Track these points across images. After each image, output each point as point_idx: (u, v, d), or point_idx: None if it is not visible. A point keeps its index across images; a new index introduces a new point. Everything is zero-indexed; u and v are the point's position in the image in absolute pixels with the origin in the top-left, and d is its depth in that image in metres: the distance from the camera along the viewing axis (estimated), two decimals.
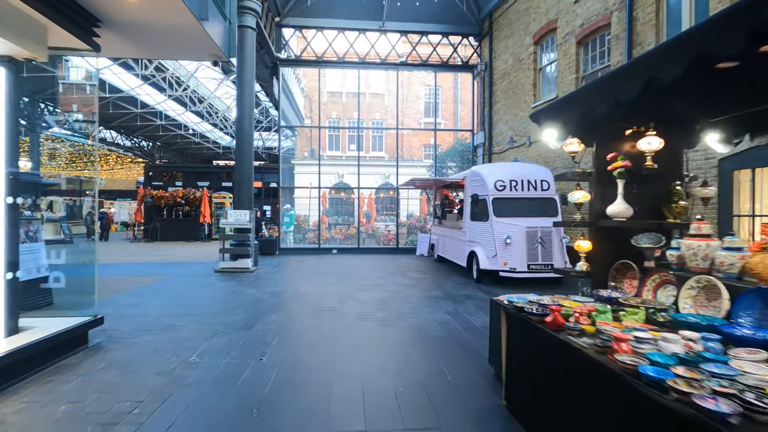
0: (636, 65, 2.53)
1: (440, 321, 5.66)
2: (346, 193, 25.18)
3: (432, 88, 25.39)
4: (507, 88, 13.60)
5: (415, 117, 25.37)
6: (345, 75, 24.80)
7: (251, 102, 10.69)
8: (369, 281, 8.87)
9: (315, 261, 12.47)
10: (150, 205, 21.57)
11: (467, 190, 9.61)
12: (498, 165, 9.47)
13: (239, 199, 10.63)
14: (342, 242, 19.50)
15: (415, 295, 7.41)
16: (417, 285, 8.48)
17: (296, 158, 24.89)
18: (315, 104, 23.84)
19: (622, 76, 2.62)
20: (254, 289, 7.81)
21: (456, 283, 8.76)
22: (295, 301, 6.84)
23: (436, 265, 11.60)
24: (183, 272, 9.81)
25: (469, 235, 9.25)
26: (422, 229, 20.66)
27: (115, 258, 12.79)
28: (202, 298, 6.99)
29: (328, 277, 9.46)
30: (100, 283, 8.45)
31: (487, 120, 14.82)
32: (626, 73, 2.57)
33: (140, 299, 6.80)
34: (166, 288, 7.84)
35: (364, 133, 24.97)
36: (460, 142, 17.00)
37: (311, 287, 8.12)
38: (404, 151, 25.43)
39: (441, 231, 12.01)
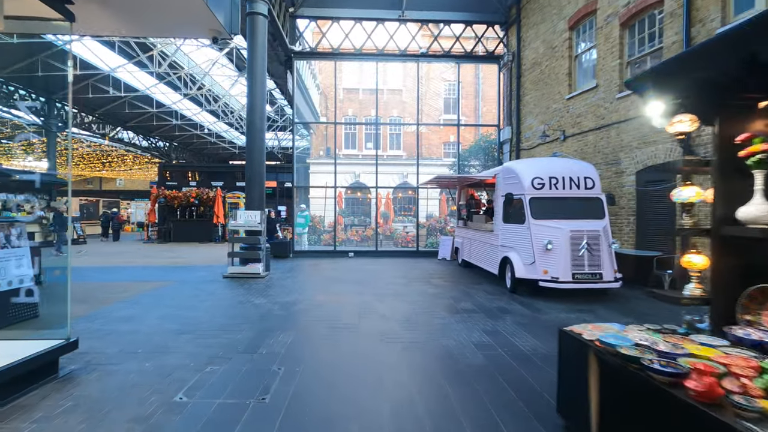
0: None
1: (478, 343, 4.75)
2: (362, 193, 24.38)
3: (452, 84, 24.41)
4: (537, 79, 12.55)
5: (434, 114, 24.41)
6: (362, 71, 24.01)
7: (263, 94, 9.95)
8: (390, 290, 8.00)
9: (330, 265, 11.67)
10: (163, 206, 21.18)
11: (499, 188, 8.65)
12: (535, 161, 8.51)
13: (250, 198, 9.90)
14: (358, 244, 18.72)
15: (443, 308, 6.50)
16: (443, 294, 7.57)
17: (311, 157, 24.20)
18: (331, 101, 23.11)
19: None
20: (263, 299, 7.03)
21: (487, 293, 7.81)
22: (307, 315, 6.02)
23: (461, 271, 10.66)
24: (189, 277, 9.12)
25: (502, 239, 8.29)
26: (442, 231, 19.76)
27: (123, 261, 12.24)
28: (205, 309, 6.23)
29: (344, 284, 8.63)
30: (100, 290, 7.87)
31: (515, 114, 13.79)
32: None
33: (136, 311, 6.08)
34: (168, 296, 7.12)
35: (381, 130, 24.12)
36: (484, 138, 16.02)
37: (326, 297, 7.30)
38: (423, 149, 24.44)
39: (466, 234, 11.06)
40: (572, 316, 6.07)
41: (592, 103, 10.11)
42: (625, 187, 9.01)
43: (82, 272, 9.86)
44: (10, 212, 16.11)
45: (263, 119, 9.91)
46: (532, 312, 6.32)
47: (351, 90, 23.91)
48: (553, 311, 6.42)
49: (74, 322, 5.38)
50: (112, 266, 10.96)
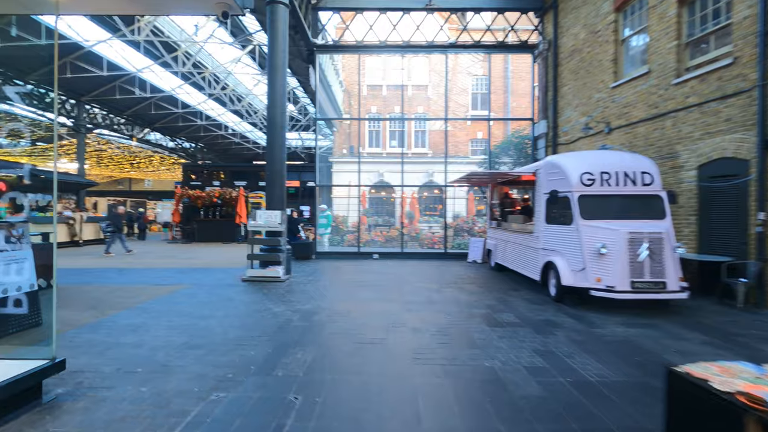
0: None
1: (531, 367, 4.00)
2: (386, 193, 23.73)
3: (479, 79, 23.46)
4: (577, 68, 11.58)
5: (460, 111, 23.49)
6: (385, 67, 23.37)
7: (284, 89, 9.42)
8: (419, 297, 7.30)
9: (354, 268, 11.05)
10: (187, 206, 21.12)
11: (540, 185, 7.81)
12: (582, 154, 7.64)
13: (271, 197, 9.39)
14: (382, 245, 18.09)
15: (481, 320, 5.75)
16: (480, 303, 6.81)
17: (334, 156, 23.72)
18: (354, 98, 22.58)
19: None
20: (282, 306, 6.45)
21: (529, 301, 7.00)
22: (330, 326, 5.39)
23: (495, 276, 9.85)
24: (206, 281, 8.67)
25: (544, 242, 7.45)
26: (470, 232, 18.92)
27: (144, 262, 11.98)
28: (218, 318, 5.69)
29: (369, 289, 7.98)
30: (113, 294, 7.43)
31: (551, 106, 12.82)
32: None
33: (145, 319, 5.60)
34: (181, 302, 6.65)
35: (406, 127, 23.42)
36: (516, 133, 15.08)
37: (350, 304, 6.66)
38: (449, 147, 23.54)
39: (500, 235, 10.23)
40: (633, 332, 5.22)
41: (643, 90, 9.11)
42: (684, 184, 8.01)
43: (101, 274, 9.59)
44: (36, 212, 16.24)
45: (284, 114, 9.38)
46: (586, 326, 5.49)
47: (374, 87, 23.29)
48: (608, 325, 5.57)
49: (78, 332, 4.94)
50: (131, 268, 10.68)
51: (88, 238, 17.98)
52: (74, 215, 17.30)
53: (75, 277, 8.98)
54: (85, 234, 17.72)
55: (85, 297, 6.94)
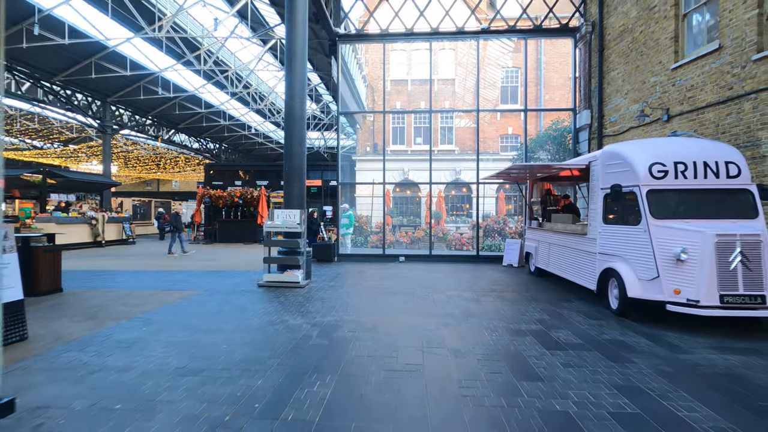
0: None
1: (617, 411, 3.02)
2: (411, 191, 22.81)
3: (510, 71, 22.24)
4: (628, 50, 10.36)
5: (489, 106, 22.33)
6: (410, 61, 22.46)
7: (303, 76, 8.66)
8: (455, 307, 6.37)
9: (379, 272, 10.20)
10: (209, 206, 20.80)
11: (596, 179, 6.74)
12: (651, 142, 6.54)
13: (289, 195, 8.65)
14: (408, 247, 17.22)
15: (535, 339, 4.78)
16: (528, 317, 5.82)
17: (357, 154, 22.97)
18: (378, 94, 21.78)
19: None
20: (300, 318, 5.65)
21: (586, 316, 5.96)
22: (354, 346, 4.53)
23: (537, 283, 8.79)
24: (220, 286, 7.98)
25: (603, 245, 6.38)
26: (500, 232, 17.80)
27: (159, 264, 11.48)
28: (226, 333, 4.92)
29: (398, 298, 7.10)
30: (117, 301, 6.47)
31: (596, 94, 11.62)
32: None
33: (144, 333, 4.90)
34: (188, 312, 5.94)
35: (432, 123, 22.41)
36: (555, 125, 13.89)
37: (377, 317, 5.80)
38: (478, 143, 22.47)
39: (542, 237, 9.16)
40: (735, 361, 4.14)
41: (713, 70, 7.88)
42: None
43: (112, 277, 9.07)
44: (59, 212, 16.15)
45: (303, 105, 8.61)
46: (669, 351, 4.44)
47: (399, 81, 22.40)
48: (697, 349, 4.50)
49: (64, 349, 4.25)
50: (145, 270, 10.16)
51: (110, 238, 17.84)
52: (97, 215, 17.16)
53: (85, 281, 8.47)
54: (107, 234, 17.58)
55: (88, 304, 6.34)
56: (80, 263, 11.40)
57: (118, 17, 17.29)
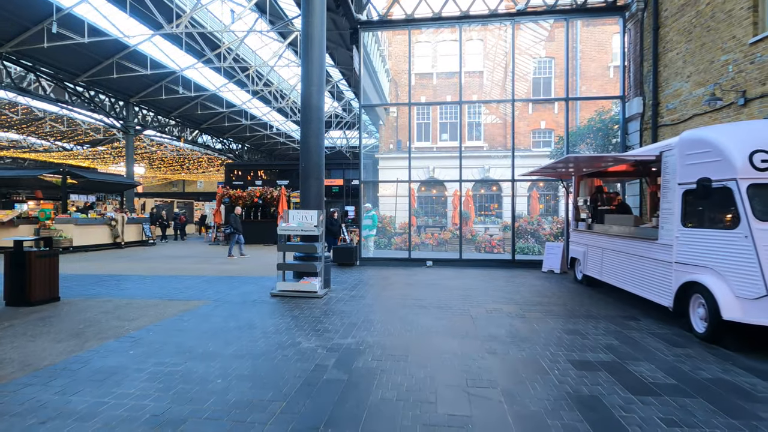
0: None
1: None
2: (438, 190, 21.72)
3: (544, 62, 20.85)
4: (690, 26, 9.03)
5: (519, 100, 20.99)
6: (436, 53, 21.37)
7: (321, 64, 7.79)
8: (500, 327, 5.33)
9: (405, 278, 9.24)
10: (228, 206, 20.32)
11: (672, 172, 5.56)
12: (746, 125, 5.33)
13: (306, 194, 7.79)
14: (434, 249, 16.20)
15: (611, 376, 3.71)
16: (593, 342, 4.72)
17: (380, 152, 22.05)
18: (402, 89, 20.81)
19: None
20: (314, 340, 4.75)
21: (665, 341, 4.82)
22: (379, 383, 3.59)
23: (589, 294, 7.63)
24: (230, 296, 7.20)
25: (682, 253, 5.22)
26: (534, 234, 16.55)
27: (171, 267, 10.85)
28: (225, 360, 4.07)
29: (429, 313, 6.11)
30: (112, 313, 5.70)
31: (649, 79, 10.30)
32: None
33: (128, 359, 4.10)
34: (188, 329, 5.14)
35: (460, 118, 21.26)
36: (599, 116, 12.56)
37: (407, 339, 4.84)
38: (507, 139, 21.23)
39: (593, 240, 7.98)
40: None
41: None
42: None
43: (119, 282, 8.44)
44: (78, 213, 15.91)
45: (321, 93, 7.74)
46: None
47: (423, 75, 21.34)
48: None
49: (28, 381, 3.45)
50: (155, 275, 9.53)
51: (130, 239, 17.54)
52: (116, 216, 16.88)
53: (88, 288, 7.86)
54: (127, 236, 17.28)
55: (80, 318, 5.63)
56: (92, 266, 10.91)
57: (137, 14, 16.96)
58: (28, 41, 16.36)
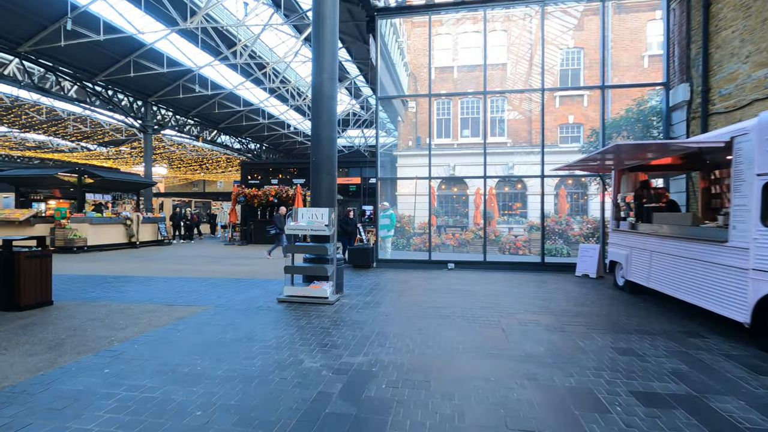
0: None
1: None
2: (459, 189, 20.85)
3: (571, 52, 19.73)
4: (748, 0, 7.98)
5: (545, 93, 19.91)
6: (456, 45, 20.51)
7: (333, 49, 7.12)
8: (538, 344, 4.54)
9: (426, 282, 8.49)
10: (244, 205, 19.97)
11: (748, 161, 4.64)
12: None
13: (317, 191, 7.14)
14: (456, 250, 15.41)
15: (693, 418, 2.89)
16: (655, 367, 3.88)
17: (399, 149, 21.32)
18: (421, 84, 20.03)
19: None
20: (320, 358, 4.07)
21: (744, 366, 3.94)
22: (395, 421, 2.88)
23: (633, 303, 6.72)
24: (234, 301, 6.60)
25: (762, 259, 4.31)
26: (563, 234, 15.57)
27: (180, 268, 10.39)
28: (213, 384, 3.43)
29: (454, 324, 5.36)
30: (102, 320, 5.12)
31: (698, 63, 9.25)
32: None
33: (99, 379, 3.51)
34: (177, 342, 4.54)
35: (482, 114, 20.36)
36: (639, 105, 11.49)
37: (428, 358, 4.10)
38: (532, 134, 20.19)
39: (639, 241, 7.06)
40: None
41: None
42: None
43: (122, 285, 7.98)
44: (93, 212, 15.75)
45: (334, 81, 7.06)
46: None
47: (444, 69, 20.51)
48: None
49: None
50: (161, 276, 9.06)
51: (146, 239, 17.33)
52: (131, 215, 16.68)
53: (88, 290, 7.41)
54: (142, 235, 17.07)
55: (65, 325, 5.12)
56: (102, 266, 10.56)
57: (152, 11, 16.73)
58: (46, 40, 16.31)
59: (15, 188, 17.04)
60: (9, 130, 30.26)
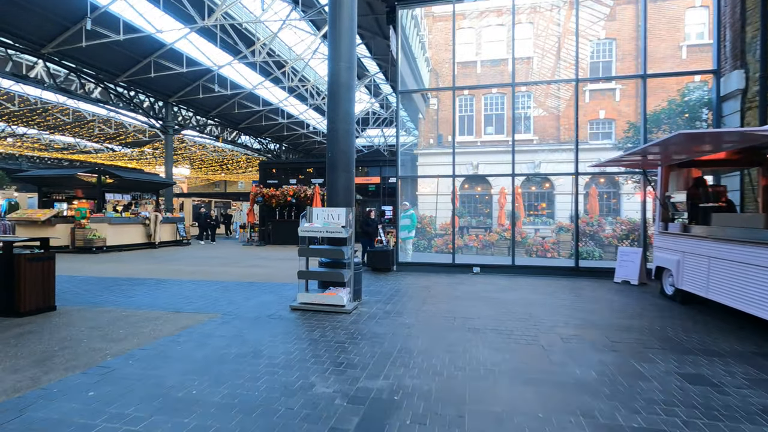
0: None
1: None
2: (482, 188, 20.06)
3: (602, 44, 18.69)
4: None
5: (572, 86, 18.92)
6: (480, 39, 19.73)
7: (350, 36, 6.59)
8: (587, 367, 3.87)
9: (450, 288, 7.86)
10: (262, 205, 19.71)
11: None
12: None
13: (333, 189, 6.62)
14: (479, 252, 14.70)
15: None
16: (738, 403, 3.17)
17: (419, 147, 20.68)
18: (443, 79, 19.34)
19: None
20: (333, 381, 3.52)
21: None
22: None
23: (686, 314, 5.93)
24: (244, 308, 6.14)
25: None
26: (594, 236, 14.67)
27: (195, 270, 10.06)
28: (205, 415, 2.93)
29: (486, 340, 4.73)
30: (103, 329, 4.69)
31: (755, 47, 8.31)
32: None
33: (86, 401, 3.06)
34: (176, 358, 4.08)
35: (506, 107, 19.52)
36: (683, 95, 10.55)
37: (458, 384, 3.50)
38: (560, 131, 19.24)
39: (694, 246, 6.26)
40: None
41: None
42: None
43: (131, 288, 7.65)
44: (111, 212, 15.71)
45: (352, 70, 6.53)
46: None
47: (466, 64, 19.75)
48: None
49: None
50: (173, 279, 8.72)
51: (165, 239, 17.23)
52: (150, 215, 16.60)
53: (96, 294, 7.09)
54: (161, 235, 16.97)
55: (61, 335, 4.74)
56: (117, 267, 10.34)
57: (170, 10, 16.63)
58: (69, 41, 16.39)
59: (38, 188, 17.21)
60: (39, 132, 31.09)
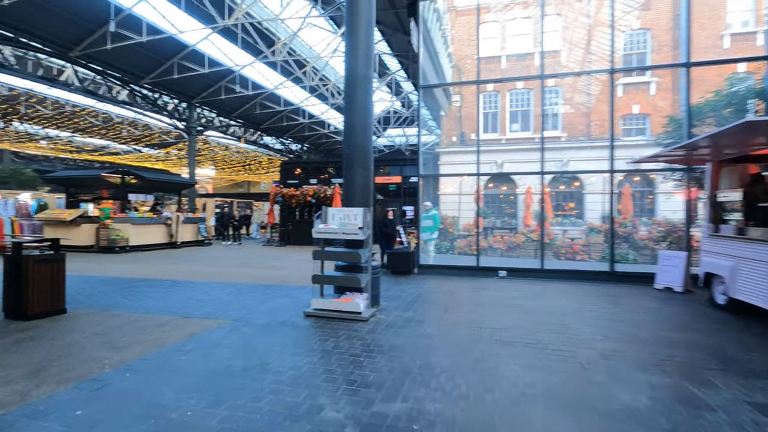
0: None
1: None
2: (508, 187, 19.34)
3: (635, 35, 17.70)
4: None
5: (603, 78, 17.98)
6: (504, 33, 19.04)
7: (368, 27, 6.19)
8: (635, 392, 3.35)
9: (475, 294, 7.37)
10: (282, 205, 19.59)
11: None
12: None
13: (350, 188, 6.25)
14: (504, 254, 14.09)
15: None
16: None
17: (441, 146, 20.14)
18: (466, 75, 18.74)
19: None
20: (345, 403, 3.12)
21: None
22: None
23: (743, 327, 5.26)
24: (255, 314, 5.83)
25: None
26: (628, 239, 13.86)
27: (210, 271, 9.88)
28: None
29: (516, 355, 4.25)
30: (108, 335, 4.30)
31: None
32: None
33: (70, 422, 2.77)
34: (180, 369, 3.77)
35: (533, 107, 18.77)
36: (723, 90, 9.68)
37: (487, 410, 3.04)
38: (590, 128, 18.33)
39: (751, 251, 5.57)
40: None
41: None
42: None
43: (146, 289, 7.49)
44: (133, 212, 15.85)
45: (369, 61, 6.13)
46: None
47: (490, 59, 19.08)
48: None
49: None
50: (188, 281, 8.54)
51: (186, 239, 17.30)
52: (172, 215, 16.69)
53: (108, 296, 6.95)
54: (183, 235, 17.04)
55: (63, 341, 4.52)
56: (135, 268, 10.29)
57: (191, 10, 16.69)
58: (94, 44, 16.67)
59: (65, 189, 17.58)
60: (71, 135, 32.09)
